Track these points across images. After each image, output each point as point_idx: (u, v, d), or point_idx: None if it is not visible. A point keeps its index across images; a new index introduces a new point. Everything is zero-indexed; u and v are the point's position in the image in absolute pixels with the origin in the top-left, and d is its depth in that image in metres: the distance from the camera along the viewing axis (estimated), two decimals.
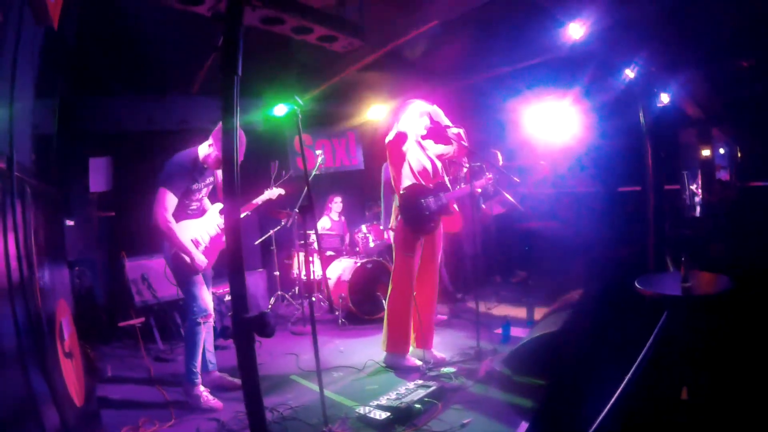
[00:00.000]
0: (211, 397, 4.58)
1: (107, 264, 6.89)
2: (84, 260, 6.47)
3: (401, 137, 5.21)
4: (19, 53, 2.57)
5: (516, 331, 5.85)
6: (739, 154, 9.29)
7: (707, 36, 6.56)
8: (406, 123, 5.25)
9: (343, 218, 8.61)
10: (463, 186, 5.60)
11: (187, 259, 4.57)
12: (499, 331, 5.90)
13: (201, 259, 4.61)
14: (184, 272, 4.64)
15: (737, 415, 3.49)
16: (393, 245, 5.45)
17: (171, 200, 4.45)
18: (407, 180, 5.19)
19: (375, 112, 8.91)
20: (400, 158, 5.20)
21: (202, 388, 4.62)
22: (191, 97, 7.46)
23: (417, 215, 5.16)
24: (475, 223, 5.83)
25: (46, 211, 3.29)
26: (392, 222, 5.54)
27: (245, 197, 5.21)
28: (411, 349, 5.36)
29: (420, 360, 5.27)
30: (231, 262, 2.10)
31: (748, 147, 9.00)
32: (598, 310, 5.14)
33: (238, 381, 4.83)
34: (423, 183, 5.20)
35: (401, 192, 5.19)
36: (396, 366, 5.24)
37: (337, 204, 8.45)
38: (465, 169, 6.36)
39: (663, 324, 4.02)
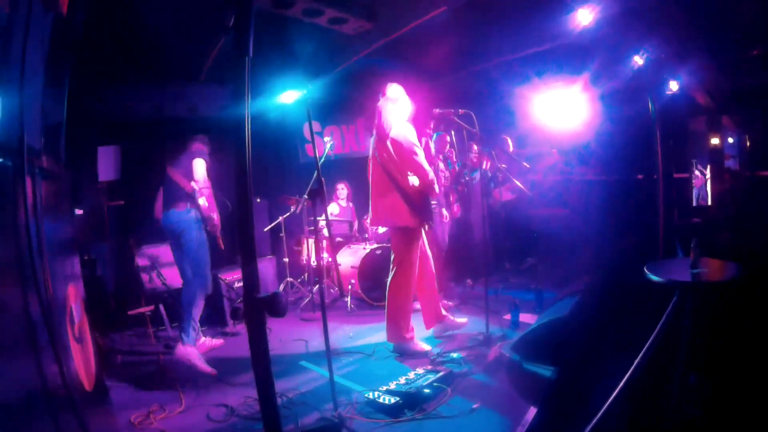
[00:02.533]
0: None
1: (117, 252, 6.92)
2: (93, 249, 6.50)
3: (408, 130, 5.18)
4: (29, 39, 2.58)
5: (525, 317, 5.87)
6: (748, 144, 9.23)
7: (718, 24, 6.51)
8: (403, 116, 5.26)
9: (351, 204, 8.62)
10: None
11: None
12: (508, 317, 5.92)
13: None
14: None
15: (745, 403, 3.49)
16: (394, 236, 5.45)
17: None
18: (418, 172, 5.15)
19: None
20: (409, 151, 5.11)
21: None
22: (200, 84, 7.44)
23: (427, 205, 5.26)
24: (484, 210, 5.81)
25: (56, 195, 3.30)
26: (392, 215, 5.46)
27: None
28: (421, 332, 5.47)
29: (441, 333, 5.53)
30: (243, 245, 2.10)
31: (758, 136, 8.94)
32: (607, 296, 5.13)
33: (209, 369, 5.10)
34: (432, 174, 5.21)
35: (411, 183, 5.13)
36: (404, 352, 5.26)
37: (342, 191, 8.45)
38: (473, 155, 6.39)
39: (672, 310, 4.02)
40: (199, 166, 5.49)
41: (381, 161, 5.19)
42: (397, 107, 5.22)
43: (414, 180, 5.11)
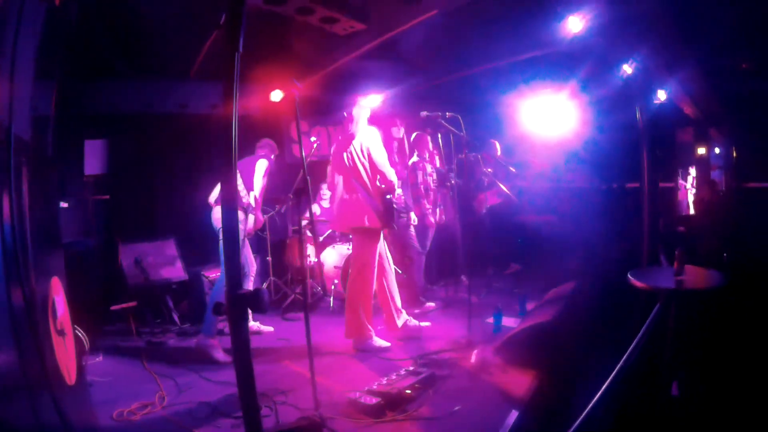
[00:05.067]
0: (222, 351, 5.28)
1: (102, 247, 6.88)
2: (78, 243, 6.46)
3: (374, 135, 5.49)
4: (20, 29, 2.57)
5: (508, 321, 5.88)
6: (734, 155, 9.33)
7: (707, 35, 6.56)
8: (366, 121, 5.55)
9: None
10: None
11: None
12: (491, 320, 5.93)
13: None
14: None
15: (728, 409, 3.52)
16: (355, 238, 5.70)
17: None
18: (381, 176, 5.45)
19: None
20: (381, 156, 5.44)
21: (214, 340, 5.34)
22: (189, 81, 7.42)
23: (389, 208, 5.49)
24: (468, 215, 5.90)
25: (42, 188, 3.29)
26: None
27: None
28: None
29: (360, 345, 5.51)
30: (226, 242, 2.11)
31: (744, 148, 9.03)
32: (591, 302, 5.17)
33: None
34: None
35: (379, 187, 5.44)
36: (364, 349, 5.40)
37: (324, 191, 8.44)
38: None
39: (655, 317, 4.06)
40: (260, 167, 5.86)
41: (346, 164, 5.43)
42: (365, 114, 5.54)
43: (378, 181, 5.42)
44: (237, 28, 2.06)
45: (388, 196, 5.50)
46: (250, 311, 4.98)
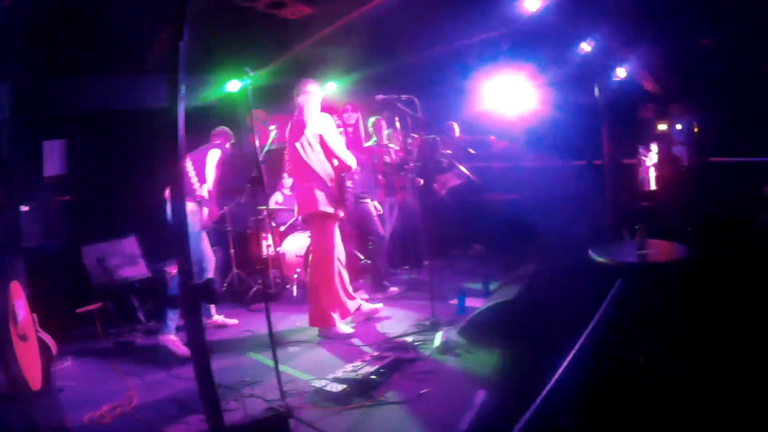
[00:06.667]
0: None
1: (65, 250, 6.74)
2: (42, 247, 6.34)
3: (327, 121, 5.45)
4: None
5: (472, 302, 5.85)
6: (696, 130, 9.43)
7: (666, 12, 6.60)
8: (317, 106, 5.52)
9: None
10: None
11: None
12: (455, 302, 5.91)
13: None
14: None
15: (693, 380, 3.55)
16: (311, 224, 5.62)
17: None
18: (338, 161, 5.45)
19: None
20: (335, 141, 5.42)
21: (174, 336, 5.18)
22: (146, 75, 7.28)
23: (343, 193, 5.49)
24: (428, 198, 5.88)
25: None
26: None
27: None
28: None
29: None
30: (176, 235, 2.07)
31: (706, 123, 9.14)
32: (555, 279, 5.19)
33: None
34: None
35: (333, 173, 5.43)
36: (328, 336, 5.39)
37: (287, 179, 8.35)
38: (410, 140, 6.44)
39: (616, 291, 4.08)
40: (212, 158, 5.69)
41: (299, 153, 5.40)
42: (315, 101, 5.49)
43: (331, 167, 5.41)
44: (180, 18, 2.02)
45: (348, 183, 5.51)
46: (214, 306, 4.91)
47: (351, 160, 5.45)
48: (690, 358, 3.82)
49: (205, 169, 5.67)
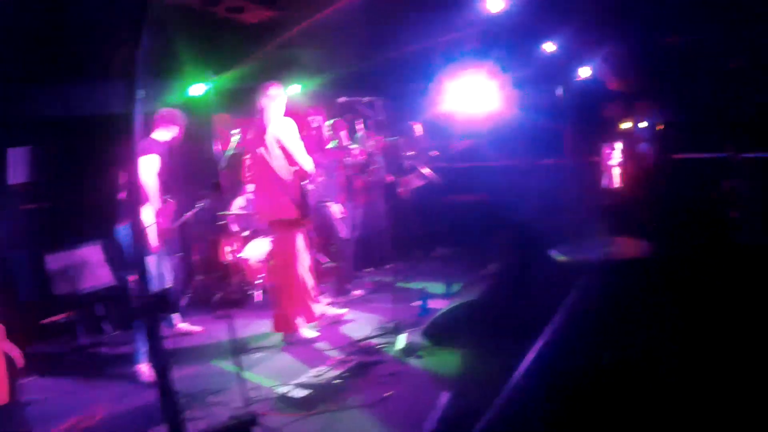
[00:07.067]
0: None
1: (31, 259, 6.64)
2: (7, 258, 6.25)
3: (289, 125, 5.40)
4: None
5: (435, 304, 5.85)
6: (660, 128, 9.54)
7: (630, 11, 6.68)
8: (280, 110, 5.47)
9: None
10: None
11: None
12: (418, 304, 5.92)
13: None
14: None
15: (657, 377, 3.59)
16: (274, 229, 5.58)
17: None
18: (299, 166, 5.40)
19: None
20: (294, 145, 5.36)
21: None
22: (111, 81, 7.20)
23: (306, 198, 5.46)
24: (391, 200, 5.89)
25: None
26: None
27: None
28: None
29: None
30: (134, 245, 2.07)
31: (671, 120, 9.26)
32: (519, 278, 5.22)
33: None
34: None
35: (295, 178, 5.38)
36: (294, 341, 5.38)
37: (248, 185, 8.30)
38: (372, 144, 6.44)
39: (579, 289, 4.12)
40: (144, 166, 5.01)
41: (261, 157, 5.38)
42: (277, 104, 5.45)
43: (294, 172, 5.36)
44: (138, 25, 2.04)
45: (310, 187, 5.50)
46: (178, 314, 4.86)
47: (308, 164, 5.41)
48: (655, 354, 3.86)
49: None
